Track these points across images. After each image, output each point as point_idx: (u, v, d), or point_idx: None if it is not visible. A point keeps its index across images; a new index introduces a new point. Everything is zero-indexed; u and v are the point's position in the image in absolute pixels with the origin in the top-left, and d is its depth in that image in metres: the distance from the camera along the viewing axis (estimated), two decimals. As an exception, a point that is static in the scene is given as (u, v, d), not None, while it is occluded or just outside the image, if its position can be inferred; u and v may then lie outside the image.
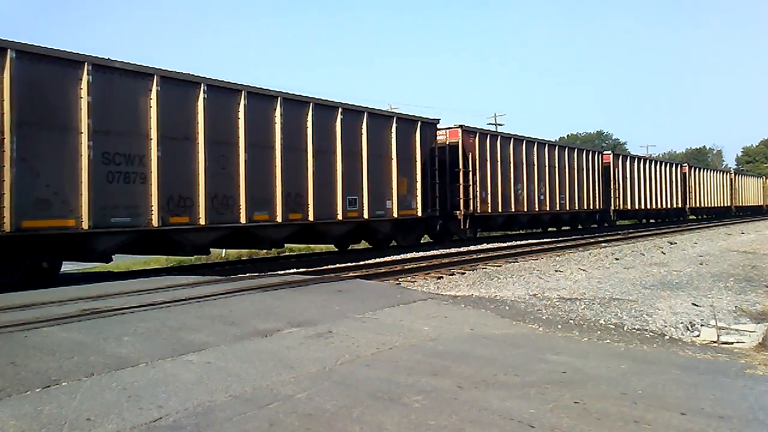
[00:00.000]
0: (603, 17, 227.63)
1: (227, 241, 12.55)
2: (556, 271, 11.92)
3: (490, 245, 17.96)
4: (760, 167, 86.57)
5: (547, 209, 23.11)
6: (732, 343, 5.90)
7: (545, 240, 20.54)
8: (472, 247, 17.21)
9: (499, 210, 20.26)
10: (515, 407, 3.74)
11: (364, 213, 14.81)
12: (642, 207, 31.23)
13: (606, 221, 29.18)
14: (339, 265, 12.49)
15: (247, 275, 10.39)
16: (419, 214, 16.65)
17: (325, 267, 12.24)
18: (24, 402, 3.78)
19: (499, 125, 53.56)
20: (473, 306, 7.59)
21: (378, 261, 13.72)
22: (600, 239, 20.78)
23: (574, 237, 22.16)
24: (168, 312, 6.68)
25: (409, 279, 11.01)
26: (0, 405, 3.73)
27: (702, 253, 15.45)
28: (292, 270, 11.73)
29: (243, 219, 11.97)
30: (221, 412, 3.64)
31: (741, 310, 7.68)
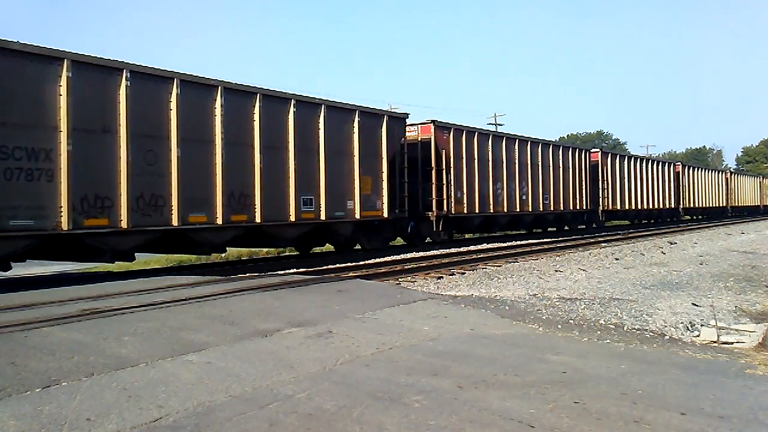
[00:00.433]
0: (603, 17, 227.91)
1: (157, 246, 11.44)
2: (556, 271, 11.92)
3: (471, 247, 17.33)
4: (760, 167, 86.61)
5: (530, 210, 22.01)
6: (732, 343, 5.90)
7: (545, 240, 20.54)
8: (472, 247, 17.21)
9: (476, 211, 19.18)
10: (515, 407, 3.74)
11: (321, 214, 13.65)
12: (633, 207, 30.25)
13: (594, 222, 28.13)
14: (339, 265, 12.50)
15: (247, 275, 10.40)
16: (385, 215, 15.44)
17: (325, 267, 12.25)
18: (24, 402, 3.79)
19: (499, 125, 53.64)
20: (473, 306, 7.60)
21: (378, 261, 13.73)
22: (600, 239, 20.78)
23: (574, 237, 22.16)
24: (168, 312, 6.68)
25: (409, 279, 11.02)
26: (0, 405, 3.73)
27: (702, 253, 15.45)
28: (292, 270, 11.74)
29: (175, 221, 10.78)
30: (221, 412, 3.64)
31: (741, 310, 7.68)
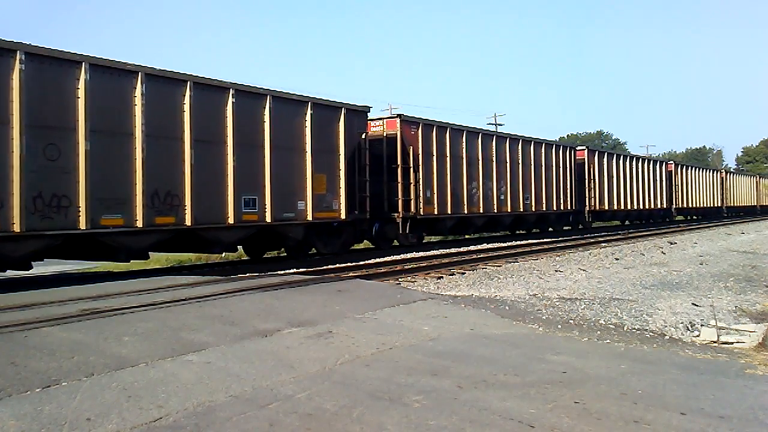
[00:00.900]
0: (603, 17, 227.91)
1: (63, 251, 10.15)
2: (556, 271, 11.92)
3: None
4: (760, 167, 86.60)
5: (509, 210, 20.78)
6: (732, 343, 5.90)
7: (545, 240, 20.52)
8: (471, 247, 17.20)
9: (448, 212, 17.88)
10: (515, 407, 3.74)
11: (266, 215, 12.45)
12: (622, 207, 29.01)
13: (581, 223, 26.90)
14: (339, 265, 12.50)
15: (247, 275, 10.40)
16: (343, 216, 14.18)
17: (325, 267, 12.25)
18: (24, 402, 3.79)
19: (499, 125, 53.62)
20: (473, 306, 7.60)
21: (378, 261, 13.73)
22: (600, 239, 20.78)
23: (573, 237, 22.14)
24: (168, 312, 6.68)
25: (409, 279, 11.02)
26: (0, 405, 3.73)
27: (702, 253, 15.44)
28: (292, 270, 11.73)
29: (83, 224, 9.55)
30: (221, 412, 3.64)
31: (741, 310, 7.68)
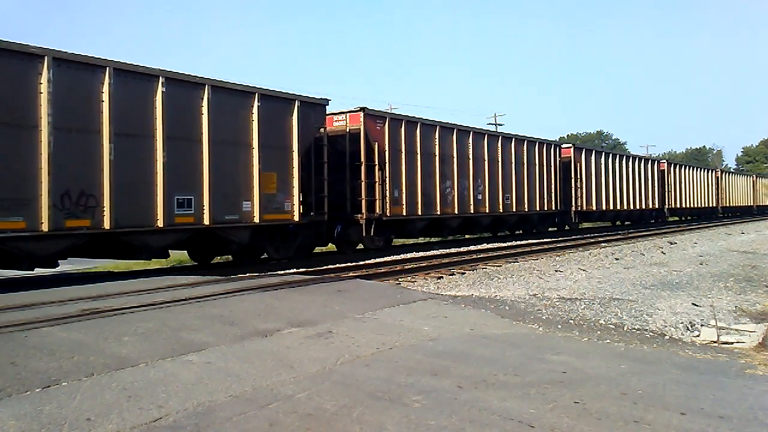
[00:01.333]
0: (603, 17, 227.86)
1: None
2: (556, 271, 11.92)
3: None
4: (759, 167, 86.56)
5: (487, 211, 19.54)
6: (732, 343, 5.90)
7: (545, 240, 20.53)
8: (472, 247, 17.20)
9: (419, 212, 16.63)
10: (515, 407, 3.74)
11: (204, 217, 11.19)
12: (611, 208, 27.79)
13: (567, 224, 25.53)
14: (339, 265, 12.50)
15: (247, 275, 10.39)
16: (296, 218, 13.04)
17: (325, 267, 12.25)
18: (24, 402, 3.79)
19: (499, 125, 53.61)
20: (473, 306, 7.60)
21: (378, 261, 13.72)
22: (600, 239, 20.78)
23: (573, 237, 22.14)
24: (168, 312, 6.68)
25: (409, 279, 11.02)
26: (0, 405, 3.73)
27: (702, 253, 15.44)
28: (292, 270, 11.73)
29: None
30: (221, 412, 3.64)
31: (741, 310, 7.68)
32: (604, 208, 27.31)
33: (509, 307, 7.58)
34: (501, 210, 20.33)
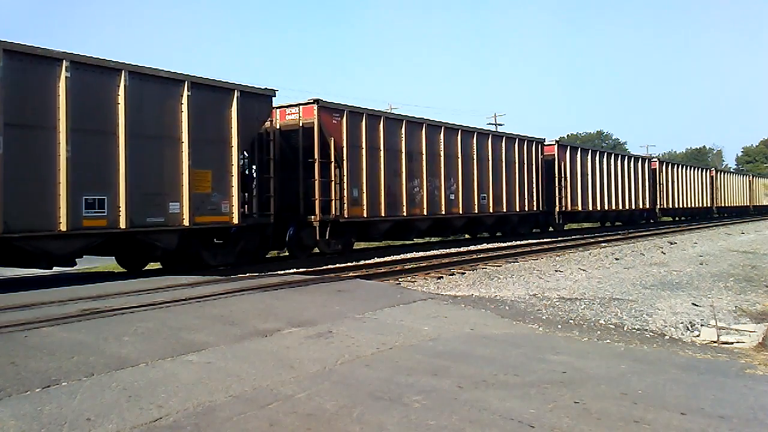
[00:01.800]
0: (603, 17, 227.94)
1: None
2: (556, 271, 11.93)
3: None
4: (759, 167, 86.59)
5: (460, 212, 18.27)
6: (732, 343, 5.90)
7: (545, 240, 20.53)
8: (472, 247, 17.20)
9: (382, 214, 15.33)
10: (515, 407, 3.74)
11: (120, 220, 9.84)
12: (597, 208, 26.42)
13: (551, 225, 24.30)
14: (339, 265, 12.50)
15: (247, 275, 10.40)
16: (236, 220, 11.73)
17: (325, 267, 12.25)
18: (24, 402, 3.79)
19: (499, 125, 53.54)
20: (473, 306, 7.60)
21: (378, 261, 13.73)
22: (600, 239, 20.79)
23: (573, 237, 22.14)
24: (168, 312, 6.69)
25: (409, 279, 11.02)
26: (0, 405, 3.73)
27: (702, 253, 15.45)
28: (292, 270, 11.73)
29: None
30: (221, 412, 3.64)
31: (741, 310, 7.68)
32: (590, 208, 26.01)
33: (509, 307, 7.58)
34: (476, 211, 19.05)
